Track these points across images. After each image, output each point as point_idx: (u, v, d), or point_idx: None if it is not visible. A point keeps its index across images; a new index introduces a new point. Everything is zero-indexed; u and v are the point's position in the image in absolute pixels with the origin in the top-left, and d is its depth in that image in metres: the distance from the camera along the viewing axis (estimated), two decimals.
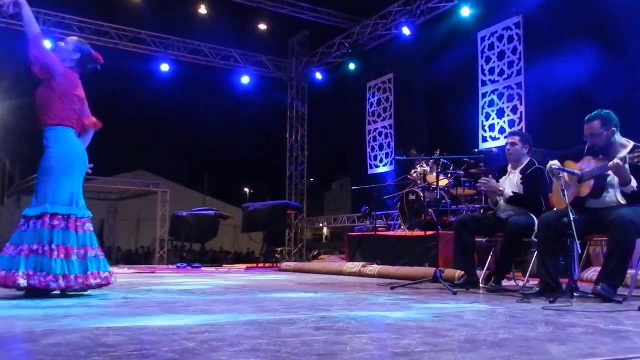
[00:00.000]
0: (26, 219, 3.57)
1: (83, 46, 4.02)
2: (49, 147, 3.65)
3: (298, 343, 1.93)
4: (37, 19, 11.77)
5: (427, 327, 2.35)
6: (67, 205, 3.61)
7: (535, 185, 4.53)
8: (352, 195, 14.22)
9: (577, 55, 7.66)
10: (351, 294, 4.19)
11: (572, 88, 7.72)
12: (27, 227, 3.53)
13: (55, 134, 3.66)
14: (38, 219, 3.52)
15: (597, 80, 7.36)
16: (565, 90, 7.89)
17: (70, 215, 3.60)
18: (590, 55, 7.46)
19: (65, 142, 3.68)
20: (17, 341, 1.96)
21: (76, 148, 3.74)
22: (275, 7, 13.14)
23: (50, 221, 3.52)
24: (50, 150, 3.64)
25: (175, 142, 33.40)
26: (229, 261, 19.26)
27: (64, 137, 3.68)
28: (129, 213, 20.01)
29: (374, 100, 12.78)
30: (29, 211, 3.58)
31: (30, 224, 3.53)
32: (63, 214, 3.57)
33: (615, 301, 3.47)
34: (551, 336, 2.18)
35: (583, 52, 7.60)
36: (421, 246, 6.62)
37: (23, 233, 3.52)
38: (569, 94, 7.82)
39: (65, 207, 3.59)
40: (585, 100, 7.28)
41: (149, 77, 13.65)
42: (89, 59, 3.97)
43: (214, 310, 2.96)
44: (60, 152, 3.64)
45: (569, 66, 7.76)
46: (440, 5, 10.89)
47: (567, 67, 7.80)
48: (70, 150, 3.69)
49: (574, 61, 7.68)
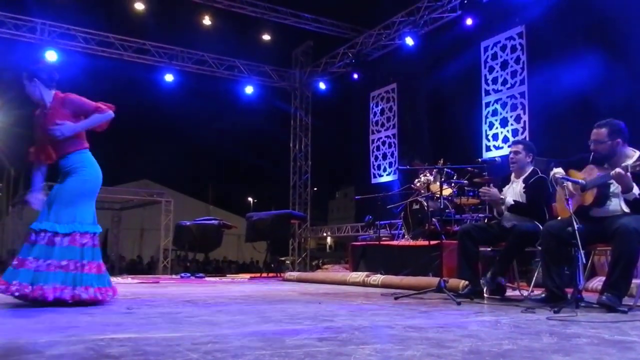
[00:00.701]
0: (47, 233, 3.65)
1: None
2: (83, 169, 3.82)
3: (301, 354, 1.93)
4: (42, 30, 11.96)
5: (431, 338, 2.34)
6: (93, 224, 3.82)
7: (538, 193, 4.53)
8: (356, 205, 14.20)
9: (580, 64, 7.67)
10: (355, 304, 4.18)
11: (576, 97, 7.73)
12: (53, 242, 3.62)
13: (86, 157, 3.88)
14: (65, 236, 3.65)
15: (600, 89, 7.36)
16: (568, 99, 7.90)
17: (95, 233, 3.82)
18: (593, 63, 7.47)
19: (94, 165, 3.91)
20: (22, 352, 1.96)
21: (100, 171, 3.95)
22: (279, 18, 13.21)
23: (80, 239, 3.70)
24: (85, 172, 3.83)
25: (179, 151, 33.53)
26: (232, 271, 19.23)
27: (92, 161, 3.91)
28: (133, 222, 20.03)
29: (377, 110, 12.81)
30: (56, 227, 3.66)
31: (56, 240, 3.64)
32: (92, 232, 3.79)
33: (620, 311, 3.45)
34: (556, 347, 2.17)
35: (586, 60, 7.61)
36: (425, 256, 6.60)
37: (50, 247, 3.61)
38: (572, 103, 7.83)
39: (92, 226, 3.81)
40: (589, 108, 7.28)
41: (153, 87, 13.71)
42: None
43: (217, 321, 2.96)
44: (94, 175, 3.88)
45: (572, 75, 7.77)
46: (443, 15, 10.93)
47: (570, 76, 7.81)
48: (98, 174, 3.92)
49: (577, 70, 7.69)
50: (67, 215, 3.70)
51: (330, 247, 45.68)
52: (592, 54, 7.56)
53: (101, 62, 12.68)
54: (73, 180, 3.79)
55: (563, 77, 7.97)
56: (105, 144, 4.28)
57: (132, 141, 26.77)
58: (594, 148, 3.91)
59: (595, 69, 7.42)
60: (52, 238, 3.62)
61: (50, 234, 3.62)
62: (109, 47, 12.79)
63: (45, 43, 11.79)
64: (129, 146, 26.85)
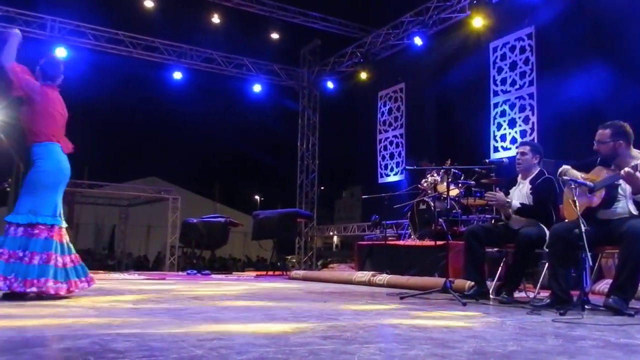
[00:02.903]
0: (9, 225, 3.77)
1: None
2: (38, 160, 3.87)
3: (306, 352, 1.93)
4: (53, 26, 12.03)
5: (436, 338, 2.34)
6: (52, 217, 3.86)
7: (545, 195, 4.50)
8: (362, 204, 14.17)
9: (590, 65, 7.62)
10: (360, 303, 4.18)
11: (585, 98, 7.67)
12: (7, 233, 3.73)
13: (44, 149, 3.89)
14: (18, 227, 3.73)
15: (609, 91, 7.32)
16: (577, 100, 7.83)
17: (53, 225, 3.85)
18: (603, 64, 7.42)
19: (54, 157, 3.91)
20: (28, 345, 1.98)
21: (63, 163, 3.97)
22: (287, 17, 13.22)
23: (32, 230, 3.75)
24: (40, 164, 3.86)
25: (186, 149, 33.64)
26: (238, 268, 19.27)
27: (52, 153, 3.91)
28: (140, 219, 20.12)
29: (385, 110, 12.79)
30: (12, 218, 3.77)
31: (10, 231, 3.74)
32: (47, 224, 3.81)
33: (627, 314, 3.43)
34: (561, 349, 2.17)
35: (596, 61, 7.56)
36: (431, 256, 6.59)
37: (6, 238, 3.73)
38: (581, 105, 7.77)
39: (50, 218, 3.84)
40: (598, 111, 7.23)
41: (162, 84, 13.77)
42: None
43: (222, 318, 2.97)
44: (49, 167, 3.88)
45: (581, 76, 7.72)
46: (452, 15, 10.89)
47: (579, 77, 7.76)
48: (59, 165, 3.93)
49: (587, 71, 7.64)
50: (25, 206, 3.80)
51: (336, 246, 45.65)
52: (602, 55, 7.51)
53: (110, 59, 12.73)
54: (32, 172, 3.88)
55: (572, 78, 7.92)
56: (113, 141, 4.32)
57: (140, 138, 26.88)
58: (597, 148, 3.95)
59: (605, 70, 7.37)
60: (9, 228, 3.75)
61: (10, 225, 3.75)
62: (118, 44, 12.84)
63: (55, 40, 11.86)
64: (136, 143, 26.95)
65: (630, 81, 7.17)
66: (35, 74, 4.03)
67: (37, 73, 4.04)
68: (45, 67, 4.06)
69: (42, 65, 4.07)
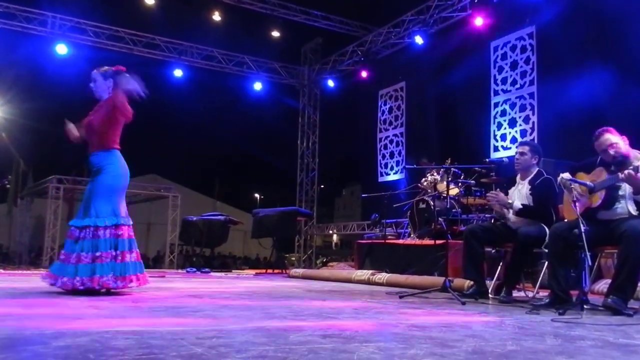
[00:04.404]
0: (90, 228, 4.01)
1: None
2: (109, 166, 4.15)
3: (305, 350, 1.94)
4: (53, 23, 12.02)
5: (435, 337, 2.34)
6: (126, 217, 4.22)
7: (544, 195, 4.50)
8: (362, 203, 14.20)
9: (591, 65, 7.63)
10: (359, 301, 4.19)
11: (585, 98, 7.67)
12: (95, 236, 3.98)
13: (112, 155, 4.20)
14: (106, 228, 4.01)
15: (610, 91, 7.32)
16: (578, 100, 7.83)
17: (130, 225, 4.23)
18: (604, 64, 7.42)
19: (121, 162, 4.24)
20: (28, 343, 1.98)
21: (126, 168, 4.30)
22: (288, 15, 13.21)
23: (117, 231, 4.07)
24: (112, 169, 4.16)
25: (187, 146, 33.64)
26: (238, 266, 19.28)
27: (120, 158, 4.24)
28: (140, 216, 20.05)
29: (385, 108, 12.79)
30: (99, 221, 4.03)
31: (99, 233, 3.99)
32: (128, 224, 4.19)
33: (626, 314, 3.44)
34: (559, 349, 2.17)
35: (596, 61, 7.56)
36: (430, 255, 6.59)
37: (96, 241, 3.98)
38: (582, 105, 7.77)
39: (126, 218, 4.20)
40: (598, 111, 7.25)
41: (162, 82, 13.73)
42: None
43: (222, 316, 2.97)
44: (120, 172, 4.21)
45: (582, 76, 7.72)
46: (453, 14, 10.89)
47: (580, 77, 7.76)
48: (125, 170, 4.28)
49: (587, 71, 7.65)
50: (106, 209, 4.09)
51: (336, 244, 45.71)
52: (602, 58, 7.51)
53: (111, 56, 12.70)
54: (107, 177, 4.15)
55: (573, 79, 7.92)
56: None
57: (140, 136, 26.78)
58: (605, 156, 3.92)
59: (604, 73, 7.36)
60: (93, 231, 3.98)
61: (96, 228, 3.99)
62: (119, 41, 12.83)
63: (56, 36, 11.86)
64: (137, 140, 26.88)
65: (631, 81, 7.17)
66: (106, 79, 4.31)
67: (110, 80, 4.31)
68: (122, 80, 4.29)
69: (119, 77, 4.32)
